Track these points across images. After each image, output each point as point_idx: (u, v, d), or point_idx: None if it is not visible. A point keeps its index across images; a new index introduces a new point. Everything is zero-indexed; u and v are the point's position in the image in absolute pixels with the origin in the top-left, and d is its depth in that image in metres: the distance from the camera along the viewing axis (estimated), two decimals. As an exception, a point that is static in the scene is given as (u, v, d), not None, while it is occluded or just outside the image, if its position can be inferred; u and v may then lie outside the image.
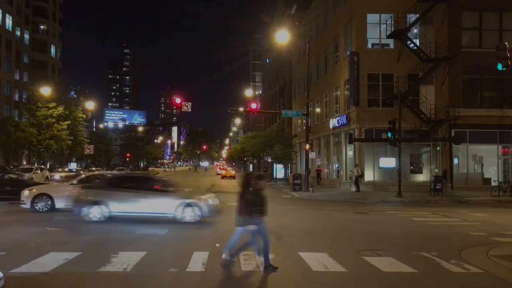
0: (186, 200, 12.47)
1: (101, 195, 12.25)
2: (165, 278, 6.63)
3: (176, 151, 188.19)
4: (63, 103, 48.77)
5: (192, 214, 12.34)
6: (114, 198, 12.20)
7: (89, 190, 12.74)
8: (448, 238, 10.78)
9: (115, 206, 12.16)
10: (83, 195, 12.47)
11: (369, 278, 6.88)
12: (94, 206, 12.14)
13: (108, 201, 12.14)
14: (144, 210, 12.29)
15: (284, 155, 38.67)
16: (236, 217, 7.33)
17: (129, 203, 12.22)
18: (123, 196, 12.27)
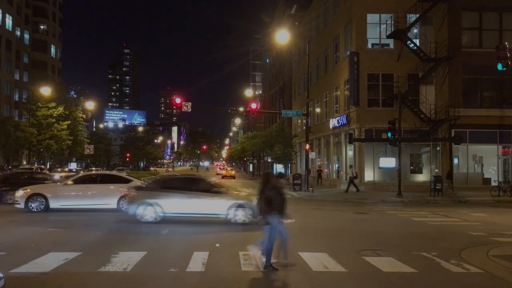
0: (238, 201, 12.55)
1: (155, 196, 12.33)
2: (165, 278, 6.63)
3: (176, 151, 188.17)
4: (63, 103, 48.77)
5: (244, 215, 12.38)
6: (168, 199, 12.30)
7: (143, 191, 12.75)
8: (448, 238, 10.78)
9: (169, 207, 12.26)
10: (138, 196, 12.49)
11: (369, 278, 6.87)
12: (149, 207, 12.23)
13: (162, 202, 12.23)
14: (197, 211, 12.41)
15: (284, 155, 38.68)
16: (258, 216, 7.40)
17: (183, 204, 12.33)
18: (177, 197, 12.38)
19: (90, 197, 14.83)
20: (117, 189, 15.01)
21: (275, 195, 7.11)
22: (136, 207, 12.27)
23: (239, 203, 12.45)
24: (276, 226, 7.13)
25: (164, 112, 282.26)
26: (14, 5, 59.52)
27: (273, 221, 7.09)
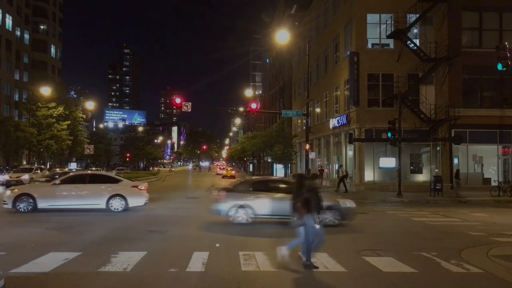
0: (329, 203, 12.52)
1: (246, 198, 12.42)
2: (165, 278, 6.63)
3: (176, 151, 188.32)
4: (63, 103, 48.77)
5: (332, 216, 12.40)
6: (258, 200, 12.40)
7: (233, 193, 12.77)
8: (448, 238, 10.78)
9: (260, 208, 12.35)
10: (229, 198, 12.53)
11: (369, 278, 6.87)
12: (240, 209, 12.33)
13: (253, 204, 12.33)
14: (288, 213, 12.44)
15: (284, 155, 38.69)
16: (293, 218, 7.46)
17: (273, 206, 12.39)
18: (268, 199, 12.46)
19: (79, 197, 14.73)
20: (106, 189, 14.94)
21: (313, 197, 7.24)
22: (228, 209, 12.35)
23: (328, 205, 12.48)
24: (314, 226, 7.25)
25: (164, 112, 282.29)
26: (14, 5, 59.50)
27: (311, 221, 7.21)
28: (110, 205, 14.76)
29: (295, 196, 7.44)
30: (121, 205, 14.89)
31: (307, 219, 7.20)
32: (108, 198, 14.79)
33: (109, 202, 14.78)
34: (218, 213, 12.63)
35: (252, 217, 12.29)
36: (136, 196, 15.29)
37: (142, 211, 15.65)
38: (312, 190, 7.31)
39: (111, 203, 14.79)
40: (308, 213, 7.15)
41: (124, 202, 14.92)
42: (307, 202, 7.14)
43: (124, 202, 14.92)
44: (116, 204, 14.87)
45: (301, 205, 7.14)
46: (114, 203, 14.85)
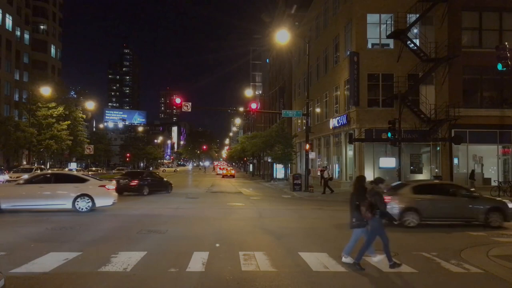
0: (496, 205, 12.78)
1: (414, 201, 12.46)
2: (165, 278, 6.63)
3: (176, 151, 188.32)
4: (63, 103, 48.82)
5: (498, 217, 12.54)
6: (427, 203, 12.49)
7: (399, 196, 12.75)
8: (448, 238, 10.78)
9: (427, 212, 12.43)
10: (397, 201, 12.53)
11: (369, 278, 6.88)
12: (409, 212, 12.36)
13: (421, 207, 12.39)
14: (455, 216, 12.73)
15: (284, 155, 38.70)
16: (352, 220, 7.57)
17: (441, 208, 12.57)
18: (434, 202, 12.61)
19: (44, 197, 14.38)
20: (73, 189, 14.66)
21: (378, 200, 7.36)
22: (399, 212, 12.32)
23: (495, 206, 12.75)
24: (377, 229, 7.42)
25: (164, 112, 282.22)
26: (14, 5, 59.50)
27: (375, 223, 7.38)
28: (76, 205, 14.47)
29: (355, 198, 7.56)
30: (88, 205, 14.62)
31: (372, 221, 7.37)
32: (74, 198, 14.48)
33: (75, 202, 14.47)
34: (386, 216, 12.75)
35: (418, 221, 12.34)
36: (104, 196, 15.00)
37: (142, 211, 15.67)
38: (377, 194, 7.46)
39: (77, 203, 14.49)
40: (373, 216, 7.28)
41: (90, 202, 14.63)
42: (372, 206, 7.27)
43: (91, 202, 14.63)
44: (83, 204, 14.57)
45: (365, 208, 7.26)
46: (80, 203, 14.54)
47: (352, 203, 7.58)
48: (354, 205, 7.49)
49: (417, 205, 12.34)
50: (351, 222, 7.63)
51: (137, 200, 21.07)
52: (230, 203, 19.82)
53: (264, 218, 14.28)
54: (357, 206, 7.41)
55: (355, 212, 7.47)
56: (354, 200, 7.52)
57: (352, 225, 7.60)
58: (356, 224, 7.51)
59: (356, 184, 7.81)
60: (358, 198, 7.46)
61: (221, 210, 16.78)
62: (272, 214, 15.76)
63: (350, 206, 7.68)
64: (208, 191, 29.23)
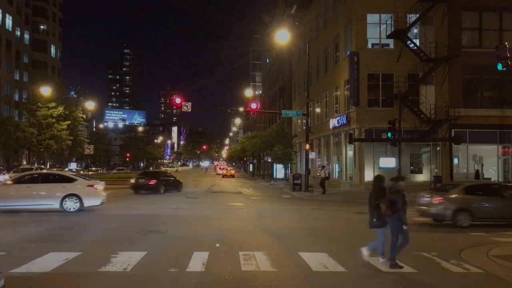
0: None
1: (467, 202, 12.57)
2: (165, 278, 6.63)
3: (176, 151, 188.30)
4: (63, 103, 48.87)
5: None
6: (479, 204, 12.64)
7: (453, 197, 12.83)
8: (448, 238, 10.78)
9: (479, 212, 12.54)
10: (449, 203, 12.59)
11: (369, 278, 6.88)
12: (461, 212, 12.45)
13: (473, 208, 12.50)
14: (509, 217, 12.79)
15: (284, 155, 38.70)
16: (372, 219, 7.53)
17: (494, 209, 12.67)
18: (487, 203, 12.73)
19: (32, 197, 14.31)
20: (60, 189, 14.57)
21: (399, 198, 7.30)
22: (452, 213, 12.42)
23: None
24: (398, 227, 7.33)
25: (164, 112, 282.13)
26: (14, 5, 59.53)
27: (396, 222, 7.30)
28: (64, 205, 14.40)
29: (374, 197, 7.51)
30: (76, 205, 14.54)
31: (391, 220, 7.31)
32: (62, 198, 14.41)
33: (63, 202, 14.41)
34: (441, 217, 12.76)
35: (470, 221, 12.39)
36: (92, 195, 14.93)
37: (142, 211, 15.67)
38: (398, 192, 7.39)
39: (65, 203, 14.42)
40: (393, 215, 7.23)
41: (78, 203, 14.56)
42: (392, 203, 7.22)
43: (79, 202, 14.57)
44: (70, 204, 14.50)
45: (385, 206, 7.22)
46: (68, 203, 14.47)
47: (371, 203, 7.54)
48: (374, 204, 7.45)
49: (470, 205, 12.51)
50: (371, 222, 7.58)
51: (137, 200, 21.09)
52: (230, 203, 19.82)
53: (264, 218, 14.28)
54: (376, 205, 7.38)
55: (375, 212, 7.44)
56: (374, 200, 7.48)
57: (373, 224, 7.55)
58: (377, 224, 7.46)
59: (375, 184, 7.74)
60: (377, 197, 7.42)
61: (221, 210, 16.79)
62: (272, 214, 15.76)
63: (369, 206, 7.63)
64: (208, 191, 29.24)
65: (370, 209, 7.59)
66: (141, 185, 25.25)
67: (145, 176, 27.04)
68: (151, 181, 25.43)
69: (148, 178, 25.91)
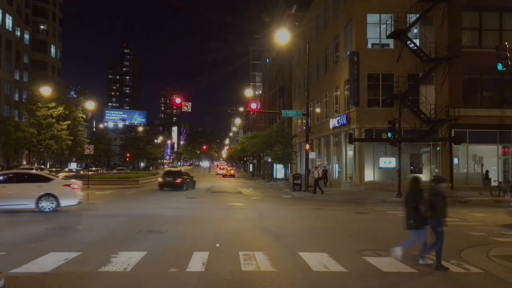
0: None
1: None
2: (165, 278, 6.62)
3: (176, 151, 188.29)
4: (63, 103, 48.86)
5: None
6: None
7: None
8: (448, 238, 10.71)
9: None
10: None
11: (369, 278, 6.87)
12: None
13: None
14: None
15: (284, 155, 38.71)
16: (409, 221, 7.59)
17: None
18: None
19: (6, 197, 14.06)
20: (36, 189, 14.37)
21: (439, 200, 7.33)
22: None
23: None
24: (438, 229, 7.39)
25: (164, 112, 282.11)
26: (14, 5, 59.53)
27: (436, 224, 7.36)
28: (39, 205, 14.26)
29: (410, 199, 7.56)
30: (52, 205, 14.38)
31: (431, 222, 7.36)
32: (38, 198, 14.24)
33: (39, 202, 14.26)
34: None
35: None
36: (69, 195, 14.75)
37: (142, 211, 15.64)
38: (438, 194, 7.41)
39: (41, 203, 14.28)
40: (432, 216, 7.26)
41: (55, 202, 14.40)
42: (432, 205, 7.25)
43: (55, 202, 14.40)
44: (46, 204, 14.35)
45: (426, 208, 7.24)
46: (44, 203, 14.32)
47: (408, 204, 7.58)
48: (411, 206, 7.49)
49: None
50: (407, 223, 7.63)
51: (137, 200, 21.09)
52: (230, 203, 19.82)
53: (264, 218, 14.28)
54: (414, 207, 7.41)
55: (412, 213, 7.48)
56: (410, 201, 7.52)
57: (410, 226, 7.60)
58: (415, 226, 7.51)
59: (411, 185, 7.79)
60: (414, 199, 7.46)
61: (221, 210, 16.78)
62: (272, 214, 15.76)
63: (405, 207, 7.67)
64: (208, 191, 29.23)
65: (406, 211, 7.64)
66: (168, 183, 28.26)
67: (170, 175, 29.85)
68: (177, 180, 28.53)
69: (174, 178, 28.85)
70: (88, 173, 36.96)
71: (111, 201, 20.06)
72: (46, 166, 47.68)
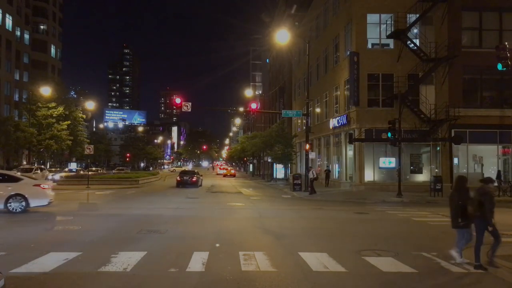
0: None
1: None
2: (165, 278, 6.63)
3: (176, 151, 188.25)
4: (63, 103, 48.82)
5: None
6: None
7: None
8: (448, 238, 10.75)
9: None
10: None
11: (369, 278, 6.87)
12: None
13: None
14: None
15: (284, 155, 38.70)
16: (456, 220, 7.68)
17: None
18: None
19: None
20: (5, 189, 14.15)
21: (487, 200, 7.38)
22: None
23: None
24: (484, 228, 7.44)
25: (164, 112, 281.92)
26: (14, 5, 59.49)
27: (482, 223, 7.42)
28: (9, 206, 14.03)
29: (457, 198, 7.63)
30: (21, 206, 14.16)
31: (477, 221, 7.42)
32: (7, 199, 14.00)
33: (8, 203, 14.02)
34: None
35: None
36: (39, 195, 14.52)
37: (142, 211, 15.64)
38: (487, 194, 7.45)
39: (10, 204, 14.04)
40: (481, 216, 7.32)
41: (24, 202, 14.18)
42: (481, 204, 7.30)
43: (25, 202, 14.19)
44: (15, 205, 14.11)
45: (474, 207, 7.31)
46: (13, 204, 14.08)
47: (454, 203, 7.66)
48: (458, 205, 7.57)
49: None
50: (455, 222, 7.73)
51: (137, 200, 21.08)
52: (230, 203, 19.82)
53: (264, 218, 14.28)
54: (461, 206, 7.50)
55: (459, 212, 7.56)
56: (457, 200, 7.60)
57: (458, 225, 7.69)
58: (463, 224, 7.61)
59: (458, 184, 7.88)
60: (461, 198, 7.54)
61: (221, 210, 16.79)
62: (272, 214, 15.76)
63: (450, 206, 7.76)
64: (208, 191, 29.23)
65: (452, 209, 7.72)
66: (185, 181, 32.58)
67: (186, 174, 34.42)
68: (193, 179, 33.05)
69: (190, 176, 33.38)
70: (88, 173, 36.97)
71: (111, 201, 20.06)
72: (46, 166, 47.63)
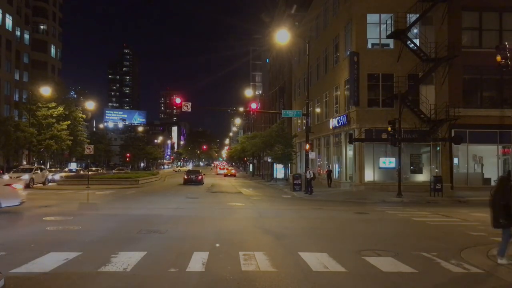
0: None
1: None
2: (165, 278, 6.62)
3: (176, 151, 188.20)
4: (63, 103, 48.81)
5: None
6: None
7: None
8: (448, 238, 10.77)
9: None
10: None
11: (369, 278, 6.87)
12: None
13: None
14: None
15: (284, 155, 38.71)
16: (498, 219, 7.60)
17: None
18: None
19: None
20: None
21: None
22: None
23: None
24: None
25: (164, 112, 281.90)
26: (14, 5, 59.47)
27: None
28: None
29: (499, 197, 7.58)
30: None
31: None
32: None
33: None
34: None
35: None
36: (10, 195, 14.19)
37: (142, 211, 15.63)
38: None
39: None
40: None
41: None
42: None
43: None
44: None
45: None
46: None
47: (496, 203, 7.61)
48: (501, 205, 7.52)
49: None
50: (496, 222, 7.67)
51: (137, 200, 21.09)
52: (230, 203, 19.82)
53: (264, 218, 14.28)
54: (504, 206, 7.45)
55: (502, 211, 7.51)
56: (499, 200, 7.55)
57: (499, 224, 7.64)
58: (505, 224, 7.56)
59: (501, 184, 7.82)
60: (504, 198, 7.49)
61: (221, 210, 16.78)
62: (272, 214, 15.76)
63: (493, 206, 7.70)
64: (208, 191, 29.23)
65: (495, 209, 7.66)
66: (192, 180, 36.26)
67: (192, 173, 38.39)
68: (199, 177, 36.89)
69: (196, 175, 37.45)
70: (88, 173, 36.97)
71: (111, 201, 20.06)
72: (46, 166, 47.58)
